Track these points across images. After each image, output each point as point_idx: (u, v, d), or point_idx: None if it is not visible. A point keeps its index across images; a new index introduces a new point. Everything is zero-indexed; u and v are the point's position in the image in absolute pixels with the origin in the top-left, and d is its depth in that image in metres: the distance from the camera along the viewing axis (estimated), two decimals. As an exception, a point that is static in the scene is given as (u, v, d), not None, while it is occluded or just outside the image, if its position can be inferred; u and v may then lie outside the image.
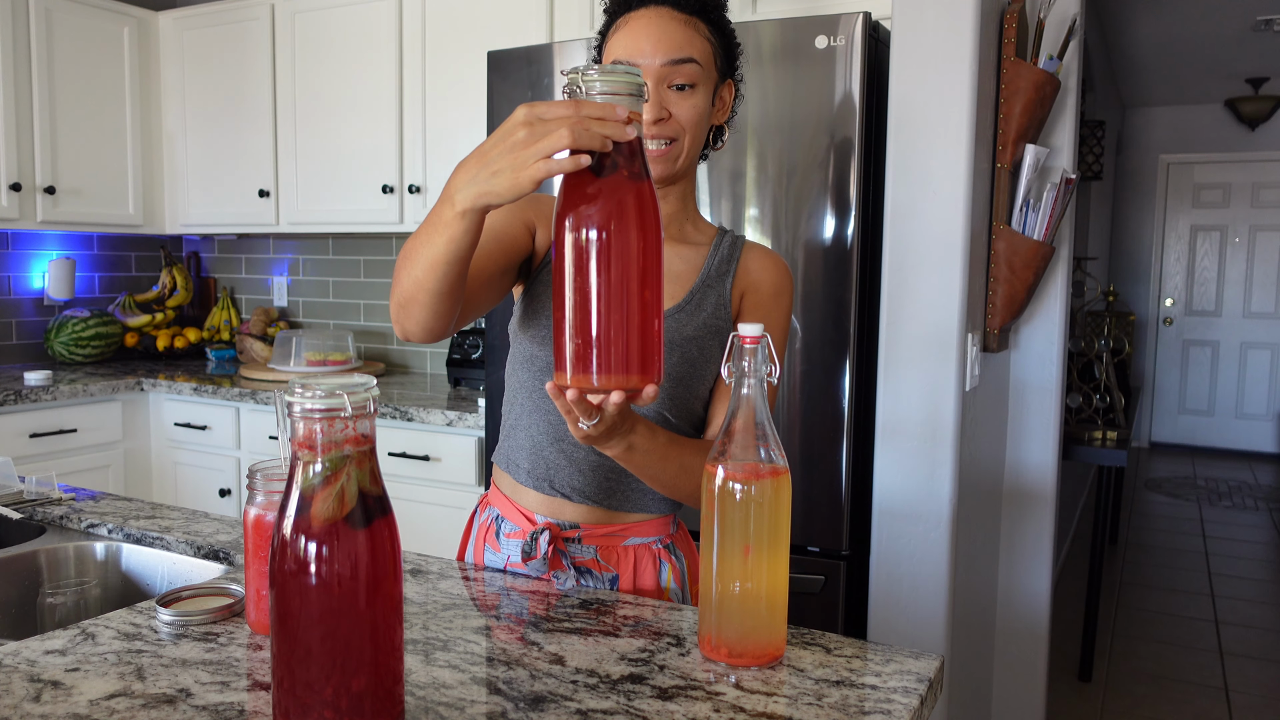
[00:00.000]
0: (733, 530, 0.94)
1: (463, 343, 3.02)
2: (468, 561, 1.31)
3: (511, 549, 1.25)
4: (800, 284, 2.00)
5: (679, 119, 1.16)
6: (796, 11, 2.31)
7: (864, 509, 2.07)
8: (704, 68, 1.16)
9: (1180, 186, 7.19)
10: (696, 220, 1.29)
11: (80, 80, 3.27)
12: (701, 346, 1.20)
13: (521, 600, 1.13)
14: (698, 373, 1.20)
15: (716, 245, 1.26)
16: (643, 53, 1.14)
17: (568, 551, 1.22)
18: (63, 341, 3.43)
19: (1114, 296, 4.90)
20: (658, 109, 1.14)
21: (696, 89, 1.16)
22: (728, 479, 0.94)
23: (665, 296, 1.22)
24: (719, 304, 1.23)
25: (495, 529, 1.28)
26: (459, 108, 2.90)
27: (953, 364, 1.89)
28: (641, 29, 1.15)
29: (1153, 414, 7.42)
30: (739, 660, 0.94)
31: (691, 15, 1.16)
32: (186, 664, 0.93)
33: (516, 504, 1.26)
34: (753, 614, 0.94)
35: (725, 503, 0.94)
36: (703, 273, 1.23)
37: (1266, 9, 4.51)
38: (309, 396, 0.75)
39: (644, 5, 1.16)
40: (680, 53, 1.14)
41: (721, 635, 0.95)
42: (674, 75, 1.14)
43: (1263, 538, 4.98)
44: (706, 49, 1.17)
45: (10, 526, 1.50)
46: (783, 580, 0.96)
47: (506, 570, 1.26)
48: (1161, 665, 3.32)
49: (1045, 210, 2.10)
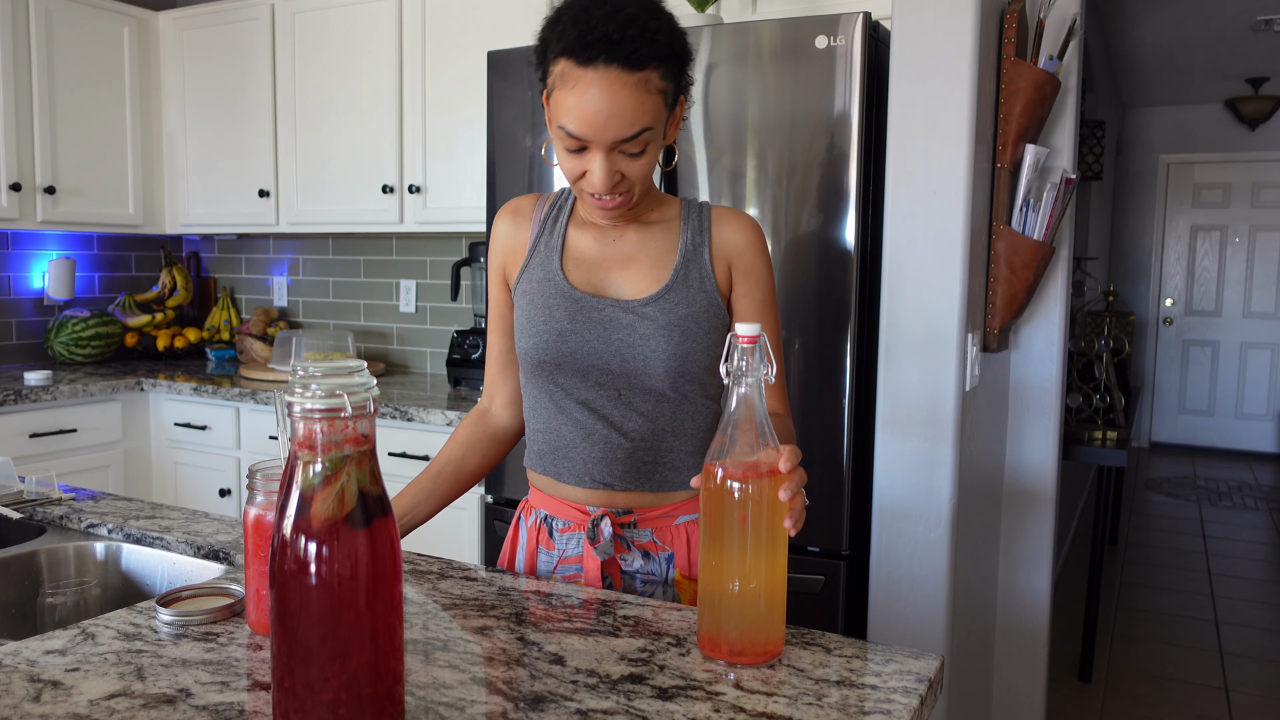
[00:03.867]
0: (732, 529, 0.94)
1: (463, 342, 3.02)
2: (518, 568, 1.34)
3: (566, 543, 1.28)
4: (800, 284, 2.00)
5: (631, 177, 1.16)
6: (796, 11, 2.31)
7: (864, 509, 2.07)
8: (655, 127, 1.13)
9: (1180, 186, 7.19)
10: (658, 200, 1.30)
11: (80, 80, 3.27)
12: (698, 320, 1.23)
13: (521, 600, 1.12)
14: (699, 346, 1.23)
15: (685, 218, 1.27)
16: (592, 127, 1.09)
17: (626, 535, 1.26)
18: (63, 341, 3.43)
19: (1114, 296, 4.90)
20: (610, 176, 1.13)
21: (648, 148, 1.14)
22: (726, 478, 0.94)
23: (652, 279, 1.24)
24: (702, 275, 1.25)
25: (547, 529, 1.30)
26: (459, 108, 2.89)
27: (953, 364, 1.89)
28: (591, 99, 1.08)
29: (1153, 414, 7.42)
30: (739, 658, 0.94)
31: (644, 71, 1.09)
32: (186, 664, 0.93)
33: (565, 501, 1.29)
34: (752, 612, 0.94)
35: (724, 501, 0.94)
36: (680, 250, 1.25)
37: (1266, 9, 4.51)
38: (309, 396, 0.75)
39: (591, 63, 1.07)
40: (632, 128, 1.10)
41: (721, 633, 0.95)
42: (627, 146, 1.12)
43: (1263, 538, 4.98)
44: (658, 104, 1.12)
45: (10, 526, 1.50)
46: (781, 578, 0.96)
47: (554, 575, 1.29)
48: (1161, 665, 3.32)
49: (1045, 210, 2.10)
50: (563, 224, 1.29)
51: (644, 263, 1.25)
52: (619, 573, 1.26)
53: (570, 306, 1.23)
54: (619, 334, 1.22)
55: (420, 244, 3.46)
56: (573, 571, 1.27)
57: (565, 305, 1.23)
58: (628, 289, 1.24)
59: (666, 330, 1.21)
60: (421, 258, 3.47)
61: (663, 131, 1.17)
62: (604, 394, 1.24)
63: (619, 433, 1.24)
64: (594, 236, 1.27)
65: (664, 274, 1.24)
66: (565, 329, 1.23)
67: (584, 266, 1.26)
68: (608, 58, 1.07)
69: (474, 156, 2.87)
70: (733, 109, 2.03)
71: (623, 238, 1.27)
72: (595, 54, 1.07)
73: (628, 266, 1.25)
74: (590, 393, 1.24)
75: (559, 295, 1.24)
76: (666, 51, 1.11)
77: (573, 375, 1.24)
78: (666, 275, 1.24)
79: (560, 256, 1.27)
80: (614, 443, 1.24)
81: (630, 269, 1.25)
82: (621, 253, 1.26)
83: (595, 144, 1.11)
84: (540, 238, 1.29)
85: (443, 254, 3.42)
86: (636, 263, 1.25)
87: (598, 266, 1.26)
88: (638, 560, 1.26)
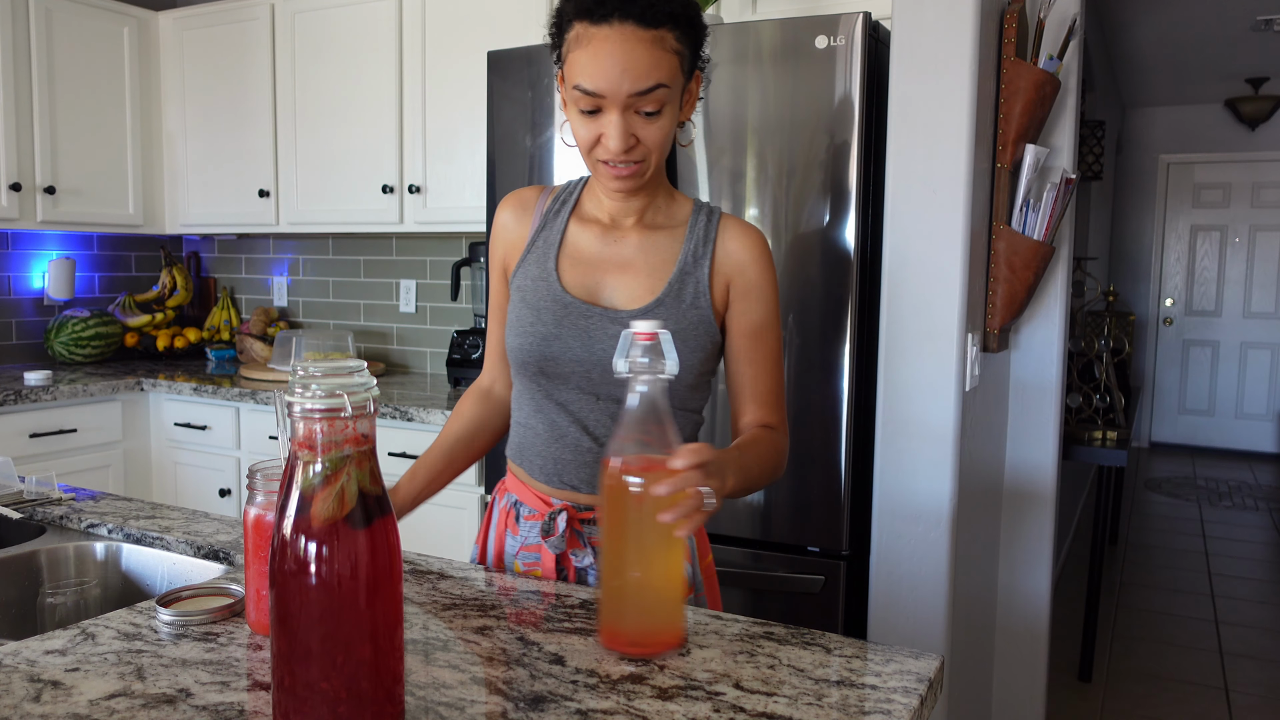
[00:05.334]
0: (630, 523, 0.96)
1: (463, 342, 3.02)
2: (489, 547, 1.35)
3: (529, 530, 1.29)
4: (800, 284, 2.00)
5: (646, 143, 1.14)
6: (796, 11, 2.31)
7: (864, 509, 2.07)
8: (671, 87, 1.12)
9: (1180, 186, 7.19)
10: (670, 200, 1.28)
11: (80, 80, 3.27)
12: (685, 338, 1.21)
13: (522, 600, 1.13)
14: (684, 363, 1.21)
15: (692, 226, 1.25)
16: (608, 79, 1.09)
17: (584, 531, 1.26)
18: (63, 341, 3.43)
19: (1114, 296, 4.90)
20: (625, 137, 1.12)
21: (664, 111, 1.13)
22: (621, 473, 0.95)
23: (646, 289, 1.22)
24: (698, 291, 1.23)
25: (515, 514, 1.31)
26: (459, 108, 2.89)
27: (953, 364, 1.89)
28: (606, 53, 1.09)
29: (1153, 414, 7.42)
30: (638, 650, 0.96)
31: (659, 29, 1.09)
32: (186, 664, 0.93)
33: (533, 490, 1.30)
34: (650, 605, 0.97)
35: (621, 496, 0.95)
36: (679, 262, 1.23)
37: (1266, 9, 4.51)
38: (309, 396, 0.75)
39: (606, 20, 1.09)
40: (648, 81, 1.09)
41: (620, 626, 0.97)
42: (641, 103, 1.11)
43: (1263, 538, 4.98)
44: (674, 64, 1.12)
45: (10, 526, 1.50)
46: (678, 571, 0.98)
47: (518, 568, 1.28)
48: (1161, 665, 3.32)
49: (1045, 210, 2.10)
50: (564, 218, 1.28)
51: (641, 270, 1.23)
52: (574, 567, 1.27)
53: (559, 311, 1.23)
54: (603, 344, 1.21)
55: (420, 244, 3.46)
56: (533, 559, 1.28)
57: (554, 309, 1.23)
58: (620, 297, 1.23)
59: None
60: (421, 258, 3.47)
61: (679, 100, 1.15)
62: (582, 398, 1.24)
63: (590, 437, 1.24)
64: (595, 235, 1.26)
65: (658, 285, 1.22)
66: (551, 333, 1.22)
67: (580, 266, 1.25)
68: (623, 14, 1.08)
69: (474, 156, 2.87)
70: (733, 109, 2.03)
71: (624, 239, 1.25)
72: (610, 10, 1.08)
73: (624, 272, 1.24)
74: (569, 395, 1.25)
75: (550, 298, 1.23)
76: (681, 13, 1.12)
77: (554, 377, 1.24)
78: (661, 287, 1.22)
79: (557, 254, 1.26)
80: (584, 447, 1.25)
81: (626, 275, 1.24)
82: (620, 256, 1.24)
83: (610, 100, 1.10)
84: (540, 231, 1.28)
85: (443, 254, 3.42)
86: (634, 269, 1.24)
87: (594, 268, 1.24)
88: (589, 557, 1.26)
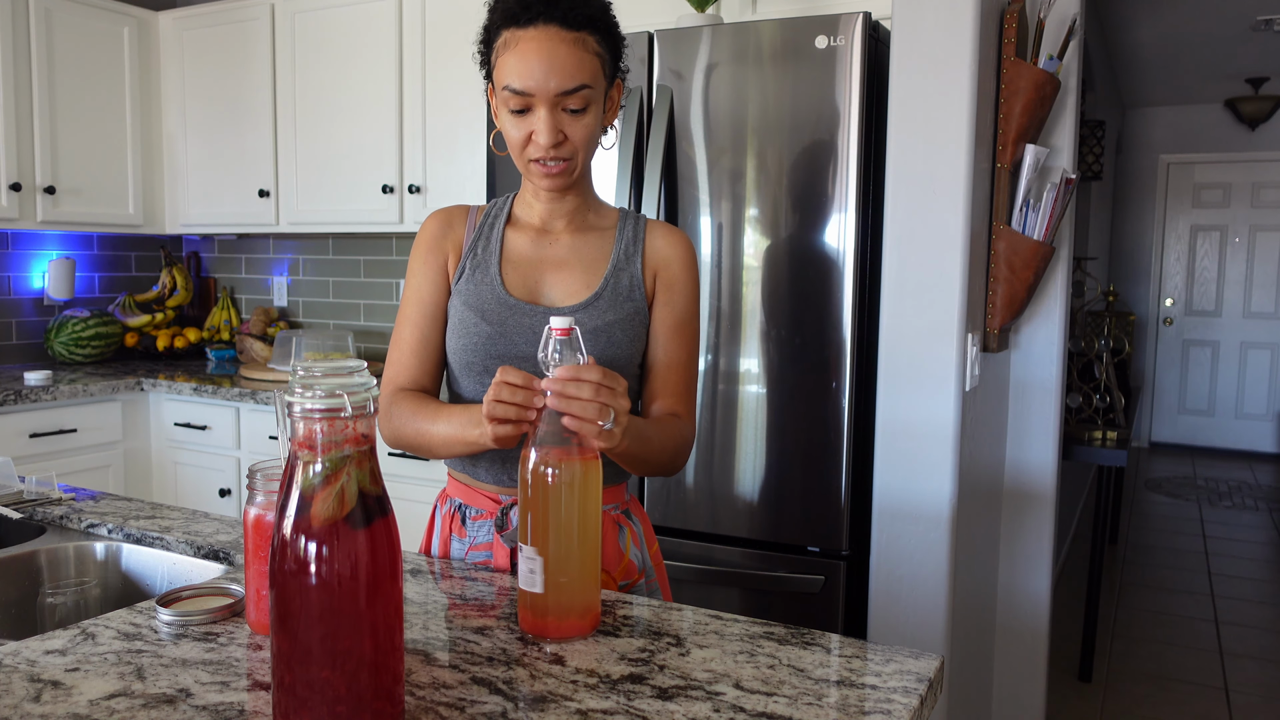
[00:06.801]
0: (547, 511, 0.98)
1: (463, 343, 3.03)
2: (433, 554, 1.35)
3: (478, 530, 1.29)
4: (800, 283, 2.00)
5: (573, 140, 1.21)
6: (796, 11, 2.31)
7: (864, 509, 2.07)
8: (595, 88, 1.20)
9: (1180, 186, 7.19)
10: (598, 208, 1.35)
11: (80, 80, 3.27)
12: (624, 328, 1.27)
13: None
14: (623, 354, 1.26)
15: (621, 228, 1.33)
16: (535, 78, 1.16)
17: None
18: (63, 341, 3.43)
19: (1114, 296, 4.90)
20: (554, 133, 1.19)
21: (589, 109, 1.20)
22: (540, 463, 0.98)
23: (583, 285, 1.28)
24: (633, 284, 1.29)
25: (460, 516, 1.32)
26: (459, 108, 2.89)
27: (953, 364, 1.89)
28: (532, 53, 1.16)
29: (1153, 414, 7.42)
30: (556, 633, 0.99)
31: (580, 31, 1.17)
32: (186, 664, 0.93)
33: (479, 490, 1.31)
34: (566, 591, 0.99)
35: (538, 485, 0.98)
36: (613, 257, 1.30)
37: (1266, 9, 4.51)
38: (309, 396, 0.75)
39: (531, 23, 1.16)
40: (572, 81, 1.17)
41: (537, 608, 0.99)
42: (568, 101, 1.18)
43: (1263, 538, 4.98)
44: (596, 66, 1.19)
45: (10, 526, 1.50)
46: (594, 557, 1.01)
47: (466, 561, 1.27)
48: (1161, 665, 3.32)
49: (1045, 210, 2.10)
50: (500, 228, 1.33)
51: (576, 268, 1.29)
52: None
53: (503, 311, 1.26)
54: None
55: (420, 244, 3.46)
56: (483, 558, 1.29)
57: (499, 310, 1.26)
58: (559, 294, 1.28)
59: (592, 336, 1.25)
60: (421, 258, 3.47)
61: (602, 102, 1.23)
62: None
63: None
64: (530, 239, 1.31)
65: (595, 281, 1.28)
66: (494, 333, 1.25)
67: (520, 269, 1.30)
68: (546, 17, 1.16)
69: (474, 156, 2.87)
70: (733, 109, 2.03)
71: (558, 241, 1.31)
72: (535, 14, 1.16)
73: (561, 270, 1.29)
74: None
75: (494, 300, 1.27)
76: (600, 17, 1.20)
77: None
78: (597, 283, 1.28)
79: (499, 260, 1.30)
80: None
81: (563, 273, 1.29)
82: (556, 256, 1.30)
83: (539, 97, 1.17)
84: (477, 243, 1.32)
85: (443, 254, 3.41)
86: (569, 267, 1.29)
87: (533, 269, 1.30)
88: None
